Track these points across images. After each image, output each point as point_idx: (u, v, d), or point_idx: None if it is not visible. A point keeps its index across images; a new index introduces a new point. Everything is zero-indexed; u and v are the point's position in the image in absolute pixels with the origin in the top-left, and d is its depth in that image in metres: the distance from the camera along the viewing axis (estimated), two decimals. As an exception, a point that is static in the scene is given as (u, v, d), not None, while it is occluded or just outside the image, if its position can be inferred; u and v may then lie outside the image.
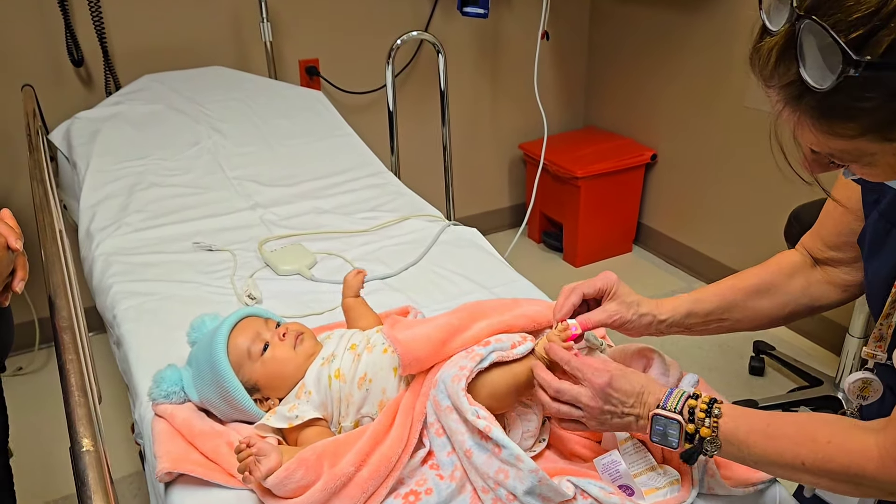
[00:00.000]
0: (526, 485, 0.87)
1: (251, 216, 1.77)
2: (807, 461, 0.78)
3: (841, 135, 0.68)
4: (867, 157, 0.70)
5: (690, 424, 0.85)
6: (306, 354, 1.10)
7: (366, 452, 0.92)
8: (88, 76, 2.39)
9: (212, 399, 1.07)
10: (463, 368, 0.94)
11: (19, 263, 0.93)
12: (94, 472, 0.73)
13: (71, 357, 0.86)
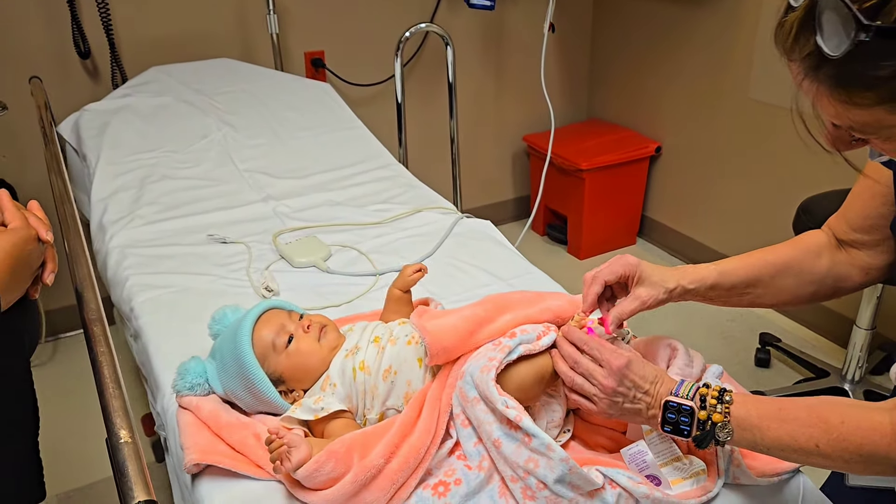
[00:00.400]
0: (556, 473, 0.87)
1: (264, 208, 1.77)
2: (821, 443, 0.79)
3: (858, 104, 0.70)
4: (886, 129, 0.72)
5: (702, 411, 0.86)
6: (330, 347, 1.10)
7: (395, 444, 0.93)
8: (95, 68, 2.38)
9: (237, 391, 1.08)
10: (492, 360, 0.94)
11: (49, 255, 0.93)
12: (134, 463, 0.73)
13: (103, 349, 0.86)
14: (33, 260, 0.89)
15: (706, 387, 0.88)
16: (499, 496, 0.92)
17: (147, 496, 0.69)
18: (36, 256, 0.90)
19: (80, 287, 1.00)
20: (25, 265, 0.87)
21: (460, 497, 0.91)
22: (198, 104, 2.16)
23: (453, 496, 0.91)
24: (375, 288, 1.45)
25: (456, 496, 0.91)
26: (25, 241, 0.87)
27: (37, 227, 0.89)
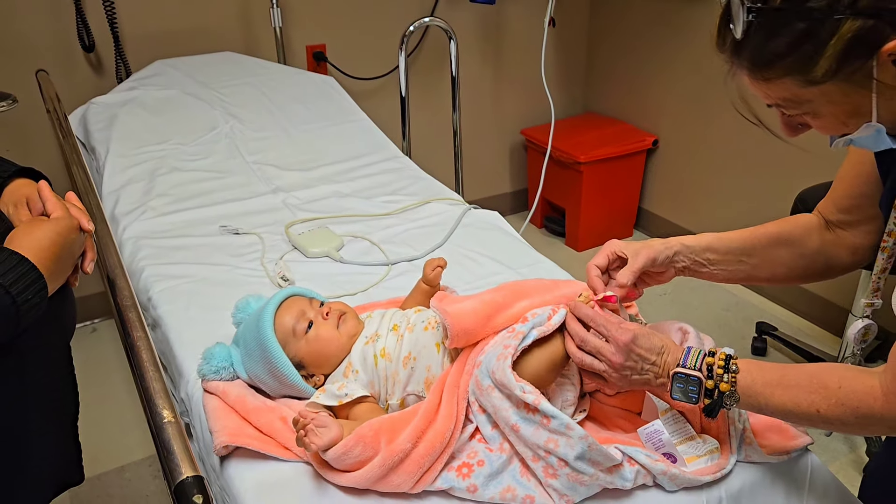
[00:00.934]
0: (577, 451, 0.90)
1: (274, 200, 1.79)
2: (821, 408, 0.83)
3: (771, 80, 0.79)
4: (807, 104, 0.80)
5: (710, 381, 0.89)
6: (349, 334, 1.13)
7: (421, 429, 0.95)
8: (99, 62, 2.39)
9: (261, 375, 1.10)
10: (507, 347, 0.97)
11: (88, 245, 0.95)
12: (179, 442, 0.76)
13: (139, 334, 0.89)
14: (75, 249, 0.92)
15: (711, 355, 0.91)
16: (520, 475, 0.95)
17: (194, 472, 0.72)
18: (78, 245, 0.92)
19: (111, 275, 1.02)
20: (69, 254, 0.90)
21: (484, 477, 0.94)
22: (204, 97, 2.17)
23: (477, 476, 0.94)
24: (388, 277, 1.48)
25: (480, 476, 0.94)
26: (69, 230, 0.89)
27: (78, 217, 0.92)
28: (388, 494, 0.96)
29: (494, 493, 0.94)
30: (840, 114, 0.80)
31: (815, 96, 0.78)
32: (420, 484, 0.95)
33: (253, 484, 0.99)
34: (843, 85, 0.76)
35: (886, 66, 0.74)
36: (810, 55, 0.74)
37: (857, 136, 0.82)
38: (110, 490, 1.97)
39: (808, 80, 0.76)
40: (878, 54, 0.73)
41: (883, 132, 0.80)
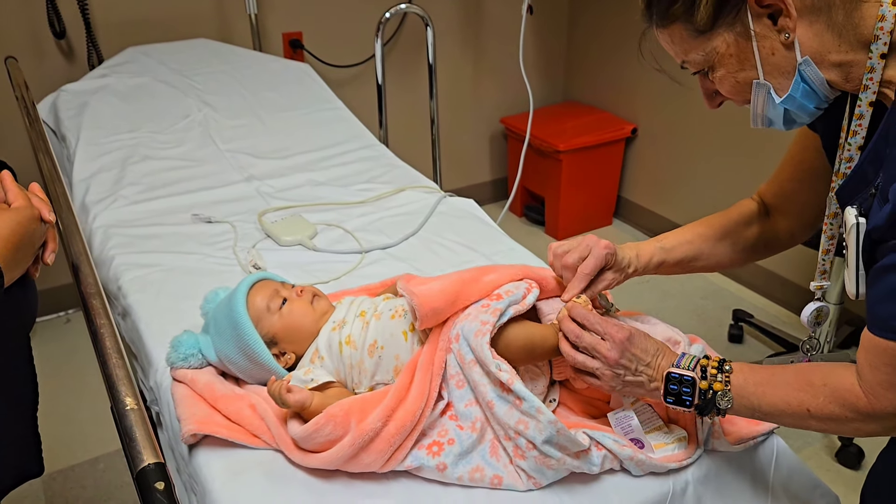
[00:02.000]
0: (544, 435, 0.91)
1: (247, 188, 1.78)
2: (811, 407, 0.83)
3: (667, 28, 0.86)
4: (704, 60, 0.85)
5: (703, 381, 0.89)
6: (322, 311, 1.14)
7: (391, 408, 0.95)
8: (70, 48, 2.35)
9: (231, 355, 1.09)
10: (485, 323, 0.97)
11: (50, 235, 0.94)
12: (141, 428, 0.75)
13: (103, 322, 0.88)
14: (36, 239, 0.90)
15: (706, 358, 0.91)
16: (489, 455, 0.96)
17: (156, 459, 0.71)
18: (38, 235, 0.91)
19: (76, 262, 1.01)
20: (29, 243, 0.89)
21: (454, 456, 0.95)
22: (177, 85, 2.15)
23: (447, 455, 0.95)
24: (362, 265, 1.47)
25: (450, 455, 0.95)
26: (29, 220, 0.88)
27: (39, 207, 0.90)
28: (358, 476, 0.96)
29: (463, 472, 0.94)
30: (731, 66, 0.84)
31: (706, 49, 0.84)
32: (390, 463, 0.95)
33: (221, 471, 0.98)
34: (727, 36, 0.82)
35: (762, 19, 0.79)
36: (692, 2, 0.81)
37: (756, 103, 0.85)
38: (84, 481, 1.96)
39: (696, 28, 0.82)
40: (748, 4, 0.79)
41: (772, 93, 0.83)
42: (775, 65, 0.81)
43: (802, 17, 0.78)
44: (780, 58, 0.81)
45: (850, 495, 1.11)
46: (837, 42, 0.79)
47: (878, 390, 0.78)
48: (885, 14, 0.75)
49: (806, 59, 0.80)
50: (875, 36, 0.77)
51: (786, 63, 0.81)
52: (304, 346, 1.11)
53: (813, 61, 0.80)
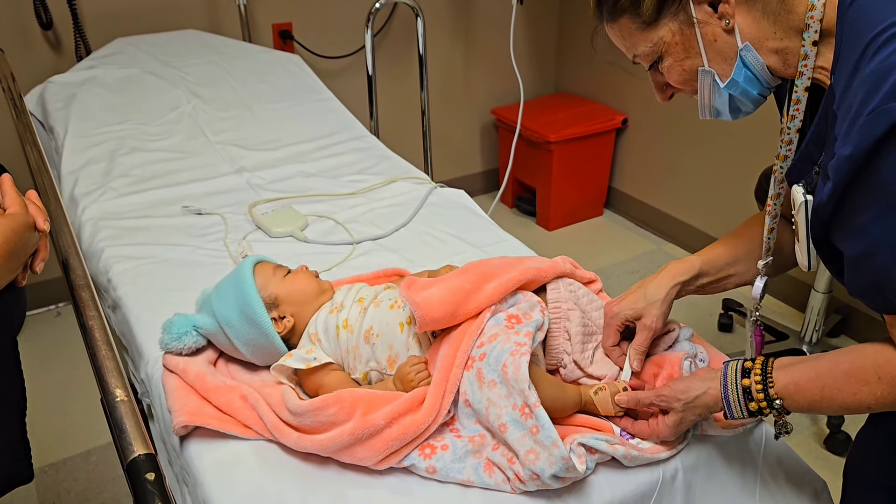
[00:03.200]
0: (554, 469, 0.88)
1: (237, 180, 1.77)
2: (871, 403, 0.81)
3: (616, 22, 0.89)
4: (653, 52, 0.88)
5: (760, 414, 0.88)
6: (324, 287, 1.17)
7: (399, 413, 0.94)
8: (57, 40, 2.33)
9: (230, 317, 1.10)
10: (521, 345, 0.96)
11: (42, 244, 0.93)
12: (131, 419, 0.75)
13: (92, 314, 0.88)
14: (29, 247, 0.89)
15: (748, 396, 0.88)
16: (483, 470, 0.93)
17: (146, 450, 0.71)
18: (31, 244, 0.90)
19: (65, 254, 1.00)
20: (21, 251, 0.87)
21: (445, 462, 0.94)
22: (166, 76, 2.13)
23: (438, 460, 0.94)
24: (353, 256, 1.47)
25: (441, 460, 0.94)
26: (24, 228, 0.86)
27: (35, 215, 0.89)
28: (350, 467, 0.96)
29: (453, 480, 0.94)
30: (677, 55, 0.87)
31: (655, 40, 0.87)
32: (384, 462, 0.95)
33: (212, 463, 0.99)
34: (672, 25, 0.85)
35: (703, 6, 0.83)
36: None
37: (703, 92, 0.88)
38: (76, 474, 1.96)
39: (642, 20, 0.86)
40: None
41: (717, 79, 0.86)
42: (718, 51, 0.85)
43: (740, 4, 0.82)
44: (723, 44, 0.84)
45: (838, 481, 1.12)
46: (773, 29, 0.82)
47: None
48: (815, 3, 0.79)
49: (746, 44, 0.83)
50: (806, 24, 0.80)
51: (728, 49, 0.84)
52: (305, 314, 1.13)
53: (753, 47, 0.84)
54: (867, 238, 0.75)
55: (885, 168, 0.70)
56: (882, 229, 0.73)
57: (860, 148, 0.71)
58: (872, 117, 0.70)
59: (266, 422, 1.00)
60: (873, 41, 0.72)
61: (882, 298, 0.78)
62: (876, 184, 0.72)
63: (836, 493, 1.11)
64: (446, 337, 1.03)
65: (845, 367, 0.84)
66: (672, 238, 3.01)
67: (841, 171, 0.74)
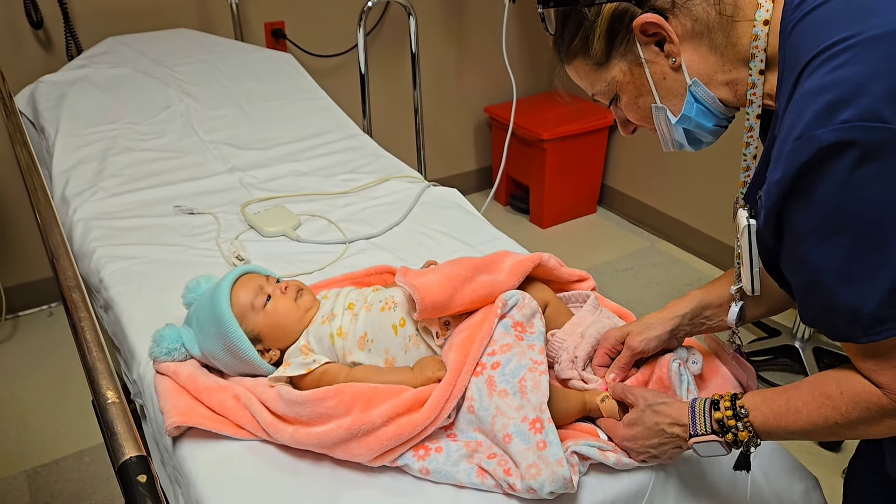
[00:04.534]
0: (552, 487, 0.88)
1: (230, 179, 1.77)
2: (837, 419, 0.80)
3: (572, 64, 0.90)
4: (609, 91, 0.90)
5: (728, 434, 0.86)
6: (306, 308, 1.13)
7: (398, 412, 0.94)
8: (48, 39, 2.32)
9: (215, 352, 1.09)
10: (538, 363, 0.96)
11: None
12: (122, 422, 0.75)
13: (83, 315, 0.87)
14: None
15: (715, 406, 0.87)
16: (476, 475, 0.93)
17: (138, 452, 0.71)
18: None
19: (55, 255, 1.00)
20: None
21: (438, 464, 0.94)
22: (157, 75, 2.13)
23: (432, 461, 0.94)
24: (346, 255, 1.47)
25: (434, 462, 0.94)
26: None
27: None
28: (344, 465, 0.96)
29: (446, 482, 0.94)
30: (630, 93, 0.88)
31: (608, 80, 0.88)
32: (378, 460, 0.95)
33: (205, 463, 0.99)
34: (622, 64, 0.86)
35: (649, 46, 0.84)
36: (587, 36, 0.86)
37: (661, 127, 0.90)
38: (69, 475, 1.95)
39: (595, 62, 0.87)
40: (634, 33, 0.83)
41: (669, 115, 0.88)
42: (668, 88, 0.86)
43: (685, 42, 0.83)
44: (672, 81, 0.85)
45: (831, 476, 1.13)
46: (721, 62, 0.83)
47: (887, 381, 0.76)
48: (758, 34, 0.80)
49: (695, 80, 0.84)
50: (752, 54, 0.81)
51: (677, 86, 0.85)
52: (289, 342, 1.11)
53: (702, 82, 0.84)
54: (809, 267, 0.74)
55: (816, 195, 0.70)
56: (822, 258, 0.72)
57: (787, 173, 0.71)
58: (799, 143, 0.70)
59: (260, 420, 1.00)
60: (808, 65, 0.73)
61: (832, 325, 0.77)
62: (810, 213, 0.72)
63: (829, 489, 1.11)
64: (454, 343, 1.01)
65: (809, 381, 0.84)
66: (665, 235, 3.02)
67: (771, 196, 0.74)
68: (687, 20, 0.81)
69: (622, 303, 1.27)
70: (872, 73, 0.68)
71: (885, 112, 0.66)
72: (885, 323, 0.71)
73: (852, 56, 0.69)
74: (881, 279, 0.70)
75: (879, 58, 0.69)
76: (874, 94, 0.67)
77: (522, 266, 1.12)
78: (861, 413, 0.78)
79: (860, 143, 0.67)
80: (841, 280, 0.72)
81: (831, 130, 0.68)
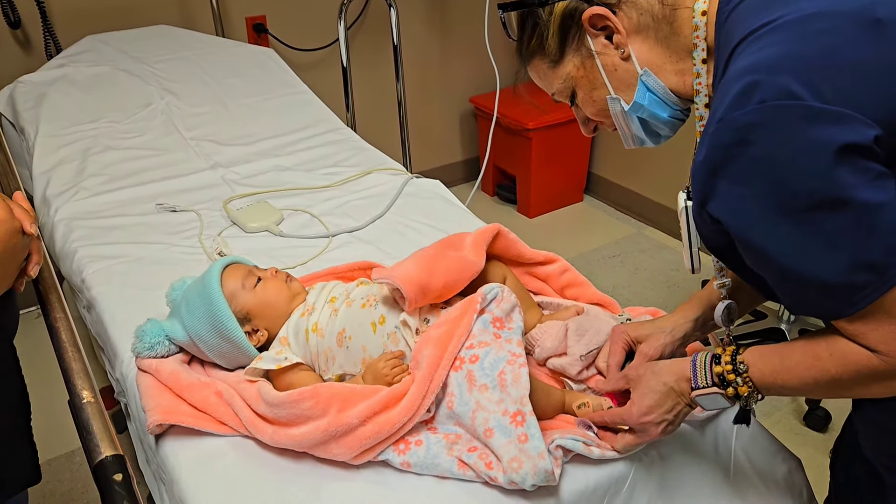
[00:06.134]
0: (535, 479, 0.88)
1: (212, 176, 1.76)
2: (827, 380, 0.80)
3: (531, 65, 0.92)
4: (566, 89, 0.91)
5: (729, 388, 0.86)
6: (296, 291, 1.15)
7: (375, 411, 0.94)
8: (26, 39, 2.30)
9: (202, 332, 1.09)
10: (516, 356, 0.96)
11: (34, 248, 0.90)
12: (98, 421, 0.75)
13: (59, 315, 0.87)
14: (18, 252, 0.87)
15: (717, 360, 0.87)
16: (458, 468, 0.93)
17: (114, 451, 0.71)
18: (21, 249, 0.87)
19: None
20: (11, 258, 0.85)
21: (419, 457, 0.94)
22: (137, 73, 2.11)
23: (412, 455, 0.94)
24: (329, 249, 1.47)
25: (415, 456, 0.94)
26: (10, 234, 0.84)
27: (21, 218, 0.86)
28: (325, 462, 0.96)
29: (428, 474, 0.94)
30: (585, 88, 0.90)
31: (565, 77, 0.90)
32: (359, 458, 0.95)
33: (188, 460, 0.99)
34: (575, 59, 0.89)
35: (599, 38, 0.86)
36: (542, 34, 0.88)
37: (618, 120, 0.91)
38: (60, 475, 1.95)
39: (550, 59, 0.90)
40: (582, 25, 0.85)
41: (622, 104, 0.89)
42: (620, 79, 0.88)
43: (633, 35, 0.85)
44: (623, 72, 0.87)
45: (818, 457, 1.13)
46: (668, 52, 0.85)
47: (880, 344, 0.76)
48: (698, 24, 0.82)
49: (645, 70, 0.86)
50: (694, 44, 0.83)
51: (628, 76, 0.87)
52: (278, 325, 1.12)
53: (652, 72, 0.86)
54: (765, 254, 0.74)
55: (744, 178, 0.72)
56: (772, 241, 0.73)
57: (710, 154, 0.74)
58: (720, 125, 0.72)
59: (241, 417, 1.00)
60: (734, 50, 0.75)
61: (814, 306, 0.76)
62: (743, 200, 0.73)
63: (814, 468, 1.12)
64: (431, 337, 1.00)
65: (800, 343, 0.85)
66: (652, 221, 3.02)
67: (696, 176, 0.77)
68: (633, 12, 0.84)
69: (610, 290, 1.27)
70: (785, 53, 0.70)
71: (798, 89, 0.68)
72: (862, 290, 0.71)
73: (769, 39, 0.72)
74: (839, 249, 0.70)
75: (792, 38, 0.71)
76: (787, 72, 0.69)
77: (483, 236, 1.14)
78: (851, 374, 0.79)
79: (776, 121, 0.69)
80: (799, 259, 0.73)
81: (748, 112, 0.70)
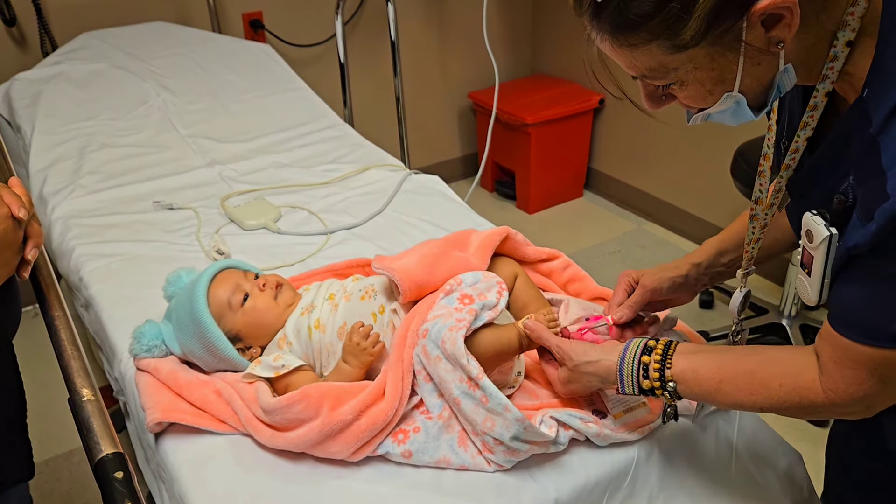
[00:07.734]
0: (512, 432, 0.90)
1: (210, 173, 1.75)
2: (764, 405, 0.81)
3: (637, 46, 0.72)
4: (673, 73, 0.74)
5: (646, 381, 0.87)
6: (286, 304, 1.12)
7: (366, 404, 0.94)
8: (22, 36, 2.29)
9: (195, 350, 1.09)
10: (461, 321, 0.95)
11: (31, 231, 0.89)
12: (98, 419, 0.75)
13: (58, 314, 0.87)
14: (10, 238, 0.85)
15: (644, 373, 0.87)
16: (458, 445, 0.94)
17: (114, 448, 0.70)
18: (12, 233, 0.85)
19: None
20: (3, 244, 0.84)
21: (419, 444, 0.94)
22: (134, 70, 2.11)
23: (412, 443, 0.95)
24: (327, 246, 1.46)
25: (415, 443, 0.94)
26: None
27: (10, 203, 0.84)
28: (325, 460, 0.96)
29: (430, 460, 0.94)
30: (706, 81, 0.74)
31: (681, 63, 0.72)
32: (357, 454, 0.95)
33: (188, 458, 0.98)
34: (711, 49, 0.70)
35: (756, 28, 0.69)
36: (677, 16, 0.67)
37: (714, 109, 0.77)
38: (59, 474, 1.95)
39: (675, 44, 0.70)
40: (748, 14, 0.67)
41: (744, 104, 0.75)
42: (756, 76, 0.73)
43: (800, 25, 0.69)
44: (764, 68, 0.72)
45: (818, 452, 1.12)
46: (806, 37, 0.72)
47: (840, 386, 0.76)
48: None
49: (787, 66, 0.73)
50: (844, 21, 0.70)
51: (766, 73, 0.73)
52: (269, 339, 1.11)
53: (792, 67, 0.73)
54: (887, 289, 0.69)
55: None
56: None
57: None
58: None
59: (241, 416, 1.00)
60: None
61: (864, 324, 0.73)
62: None
63: (816, 464, 1.11)
64: (403, 322, 1.02)
65: (750, 367, 0.82)
66: (652, 217, 3.02)
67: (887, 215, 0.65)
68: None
69: (610, 286, 1.26)
70: None
71: None
72: None
73: None
74: None
75: None
76: None
77: (490, 240, 1.13)
78: (791, 404, 0.79)
79: None
80: None
81: None
